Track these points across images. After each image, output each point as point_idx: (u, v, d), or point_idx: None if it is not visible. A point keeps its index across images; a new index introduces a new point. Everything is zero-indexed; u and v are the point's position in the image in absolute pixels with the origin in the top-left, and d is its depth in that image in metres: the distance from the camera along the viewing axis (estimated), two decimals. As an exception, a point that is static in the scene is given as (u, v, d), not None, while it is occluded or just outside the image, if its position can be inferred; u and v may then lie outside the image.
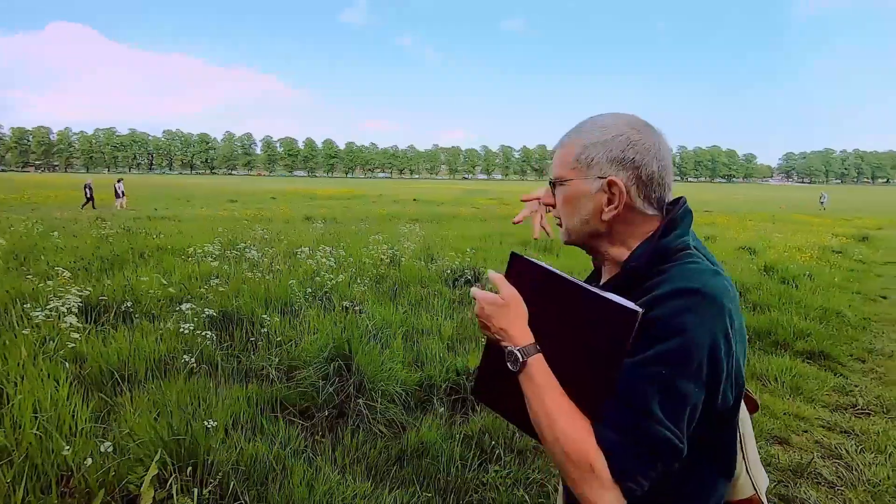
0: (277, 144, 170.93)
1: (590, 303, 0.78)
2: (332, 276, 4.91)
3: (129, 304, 3.95)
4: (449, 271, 6.17)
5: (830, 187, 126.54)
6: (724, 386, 0.77)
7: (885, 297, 7.05)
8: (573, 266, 7.45)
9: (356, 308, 4.34)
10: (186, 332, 3.15)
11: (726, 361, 0.76)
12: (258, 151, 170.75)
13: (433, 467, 2.56)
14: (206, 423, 2.16)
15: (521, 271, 0.87)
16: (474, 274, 6.02)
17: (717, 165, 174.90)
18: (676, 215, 0.87)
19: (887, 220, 21.76)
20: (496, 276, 0.89)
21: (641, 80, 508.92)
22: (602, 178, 0.85)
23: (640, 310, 0.74)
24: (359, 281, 5.24)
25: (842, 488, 2.64)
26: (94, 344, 3.18)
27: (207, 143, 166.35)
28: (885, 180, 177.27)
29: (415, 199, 28.87)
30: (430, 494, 2.40)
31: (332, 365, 3.09)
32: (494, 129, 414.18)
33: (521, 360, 0.82)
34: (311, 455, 2.56)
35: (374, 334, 3.79)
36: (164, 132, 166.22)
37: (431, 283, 5.82)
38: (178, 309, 3.81)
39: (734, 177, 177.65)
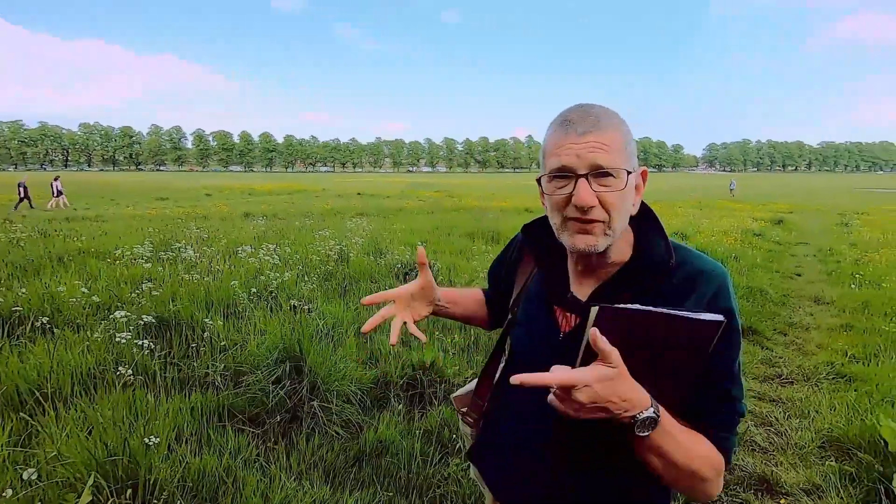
0: (210, 138, 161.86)
1: (675, 327, 0.72)
2: (277, 274, 4.70)
3: (48, 314, 3.59)
4: (399, 265, 6.09)
5: (748, 175, 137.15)
6: None
7: (799, 275, 7.72)
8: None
9: (305, 307, 4.19)
10: (123, 341, 2.90)
11: None
12: (189, 146, 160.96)
13: (393, 466, 2.52)
14: (146, 439, 1.99)
15: (607, 323, 0.71)
16: (425, 267, 5.98)
17: (648, 156, 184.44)
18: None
19: (797, 204, 23.86)
20: (601, 338, 0.68)
21: (575, 75, 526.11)
22: (636, 168, 0.85)
23: (723, 319, 0.73)
24: (306, 279, 5.07)
25: (774, 453, 2.86)
26: (9, 360, 2.86)
27: (131, 136, 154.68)
28: (793, 168, 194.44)
29: (359, 193, 28.33)
30: (391, 493, 2.36)
31: (282, 367, 2.96)
32: (437, 122, 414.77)
33: (658, 418, 0.72)
34: (264, 464, 2.44)
35: (326, 333, 3.68)
36: (80, 125, 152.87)
37: (382, 278, 5.73)
38: (107, 317, 3.51)
39: (664, 166, 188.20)
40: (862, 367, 3.94)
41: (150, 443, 1.95)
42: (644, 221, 0.89)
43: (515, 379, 0.68)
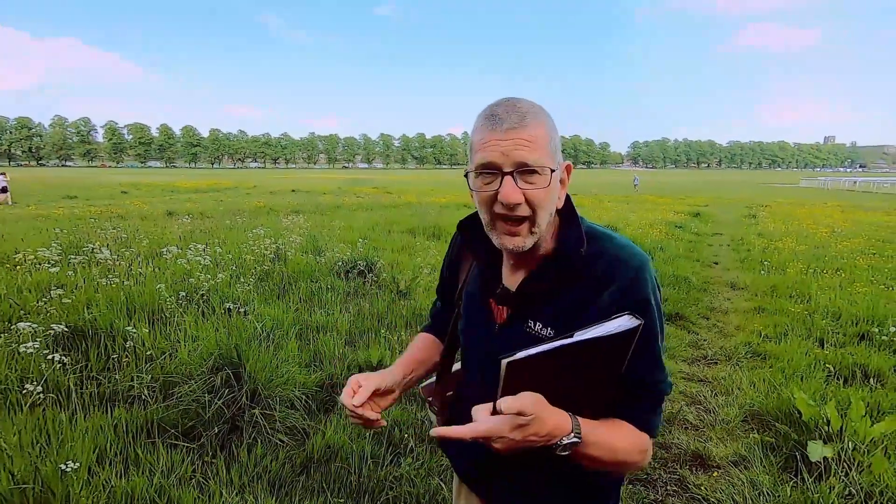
0: (124, 131, 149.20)
1: (595, 348, 0.73)
2: (209, 276, 4.40)
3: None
4: (340, 263, 5.92)
5: (667, 171, 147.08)
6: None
7: (717, 263, 8.36)
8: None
9: (241, 309, 3.95)
10: (30, 352, 2.57)
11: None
12: (99, 139, 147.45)
13: (343, 470, 2.43)
14: (61, 464, 1.77)
15: (518, 372, 0.73)
16: (367, 265, 5.86)
17: (578, 153, 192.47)
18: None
19: (711, 198, 25.87)
20: (502, 403, 0.70)
21: (508, 73, 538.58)
22: (560, 163, 0.85)
23: (640, 322, 0.74)
24: (241, 279, 4.79)
25: (704, 429, 3.07)
26: None
27: (30, 128, 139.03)
28: (706, 165, 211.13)
29: (293, 190, 27.27)
30: (342, 499, 2.27)
31: (219, 375, 2.77)
32: (373, 117, 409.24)
33: (579, 441, 0.75)
34: (201, 480, 2.27)
35: (266, 336, 3.49)
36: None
37: (322, 277, 5.55)
38: (7, 329, 3.11)
39: (592, 163, 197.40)
40: (774, 345, 4.32)
41: (67, 468, 1.74)
42: (563, 212, 0.91)
43: (435, 432, 0.75)
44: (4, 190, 17.11)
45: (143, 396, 2.75)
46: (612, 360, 0.76)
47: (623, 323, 0.73)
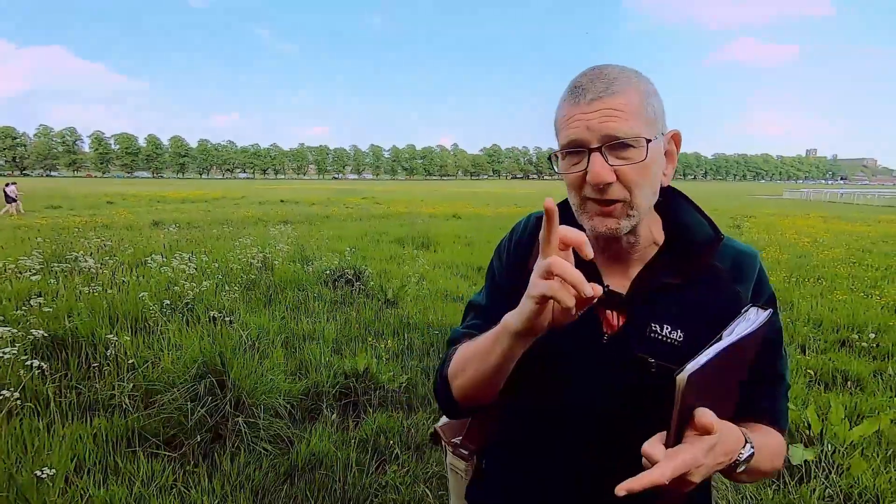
0: (111, 141, 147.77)
1: (743, 346, 0.66)
2: (193, 284, 4.36)
3: None
4: (328, 272, 5.90)
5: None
6: None
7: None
8: (458, 259, 7.63)
9: (226, 318, 3.92)
10: (6, 356, 2.52)
11: None
12: (86, 149, 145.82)
13: (328, 478, 2.41)
14: (36, 472, 1.74)
15: (691, 387, 0.60)
16: (354, 273, 5.85)
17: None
18: None
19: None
20: (707, 417, 0.58)
21: (497, 85, 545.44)
22: (664, 133, 0.73)
23: (771, 311, 0.69)
24: (227, 288, 4.75)
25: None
26: None
27: (14, 138, 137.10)
28: (692, 177, 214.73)
29: (282, 201, 27.14)
30: (326, 508, 2.25)
31: (202, 383, 2.73)
32: (363, 129, 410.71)
33: (754, 451, 0.66)
34: (182, 489, 2.23)
35: (251, 344, 3.46)
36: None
37: (310, 286, 5.52)
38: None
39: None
40: (757, 352, 4.37)
41: (44, 475, 1.70)
42: (673, 196, 0.81)
43: (621, 490, 0.55)
44: (15, 199, 17.01)
45: (124, 405, 2.71)
46: (750, 358, 0.70)
47: (760, 316, 0.67)
